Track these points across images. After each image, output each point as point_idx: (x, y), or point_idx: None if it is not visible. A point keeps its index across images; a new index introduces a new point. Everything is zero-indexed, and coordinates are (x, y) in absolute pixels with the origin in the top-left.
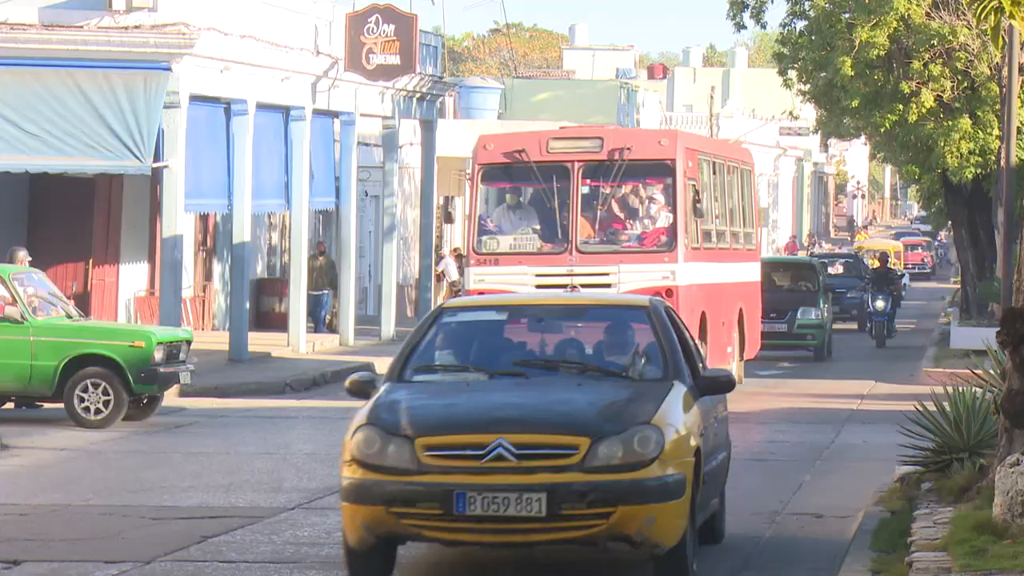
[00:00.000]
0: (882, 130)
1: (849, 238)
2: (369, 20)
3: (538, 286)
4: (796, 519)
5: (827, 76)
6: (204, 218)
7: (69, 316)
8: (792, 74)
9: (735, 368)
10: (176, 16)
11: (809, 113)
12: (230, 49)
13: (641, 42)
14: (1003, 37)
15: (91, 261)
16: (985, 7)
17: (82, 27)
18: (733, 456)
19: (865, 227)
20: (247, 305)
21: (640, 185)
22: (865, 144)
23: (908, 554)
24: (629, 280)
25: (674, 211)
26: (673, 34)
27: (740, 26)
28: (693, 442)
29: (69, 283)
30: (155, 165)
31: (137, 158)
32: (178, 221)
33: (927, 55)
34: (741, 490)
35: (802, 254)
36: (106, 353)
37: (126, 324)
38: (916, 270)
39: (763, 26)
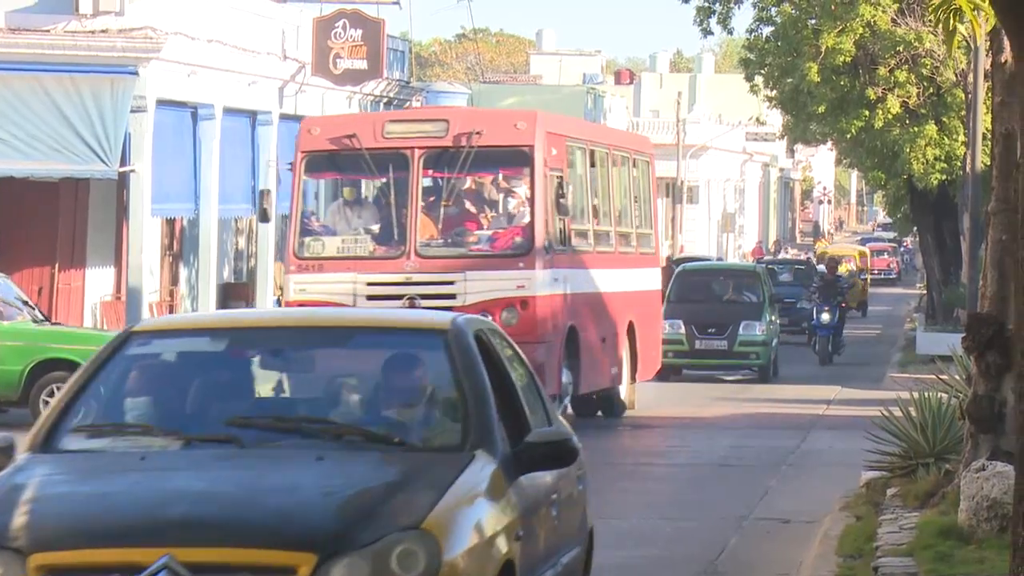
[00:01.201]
0: (848, 136)
1: (814, 243)
2: (336, 25)
3: (370, 297)
4: (763, 524)
5: (793, 82)
6: (171, 222)
7: (35, 320)
8: (759, 80)
9: (624, 391)
10: (143, 20)
11: (775, 119)
12: (197, 53)
13: (608, 47)
14: (966, 41)
15: (57, 266)
16: (944, 11)
17: (49, 31)
18: (698, 462)
19: (831, 233)
20: (213, 310)
21: (493, 176)
22: (831, 150)
23: (874, 559)
24: (477, 289)
25: (532, 207)
26: (640, 40)
27: (707, 32)
28: (500, 552)
29: (35, 287)
30: (121, 169)
31: (104, 162)
32: (144, 225)
33: (893, 61)
34: (708, 496)
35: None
36: (72, 358)
37: (92, 329)
38: (882, 276)
39: (730, 32)
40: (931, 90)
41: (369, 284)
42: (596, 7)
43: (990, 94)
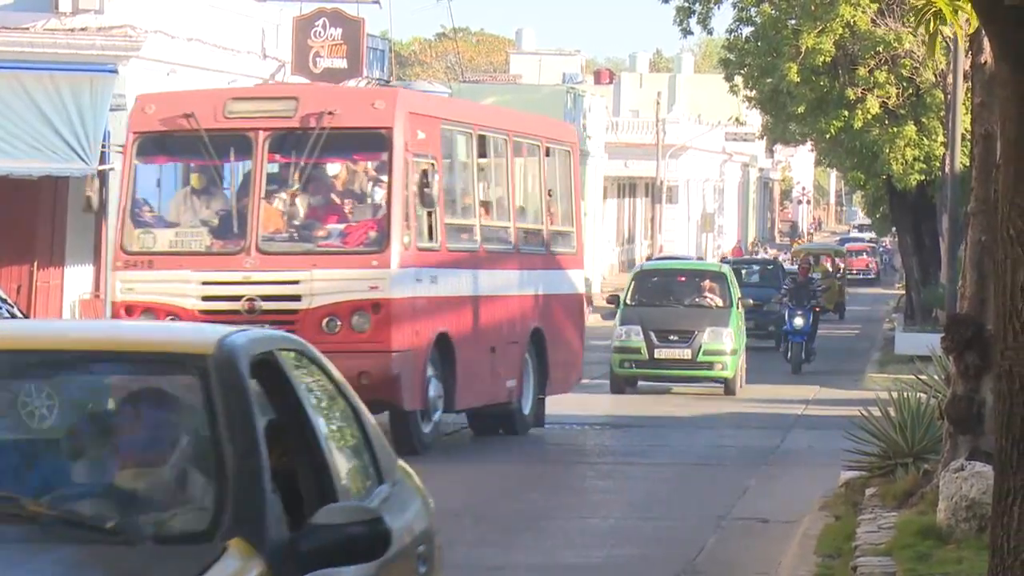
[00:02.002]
0: (827, 136)
1: (791, 243)
2: (316, 24)
3: (205, 297)
4: (742, 524)
5: (773, 82)
6: None
7: (14, 318)
8: (738, 80)
9: (528, 406)
10: (122, 19)
11: (755, 119)
12: (177, 52)
13: (588, 47)
14: (946, 42)
15: (36, 263)
16: (924, 13)
17: (28, 29)
18: (677, 461)
19: (810, 233)
20: None
21: (348, 162)
22: (811, 150)
23: (853, 559)
24: (324, 290)
25: (389, 198)
26: (620, 39)
27: (687, 32)
28: None
29: (14, 285)
30: (101, 167)
31: (83, 160)
32: None
33: (872, 62)
34: (687, 495)
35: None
36: None
37: None
38: (861, 276)
39: (710, 32)
40: (910, 91)
41: (204, 283)
42: (576, 7)
43: (969, 95)
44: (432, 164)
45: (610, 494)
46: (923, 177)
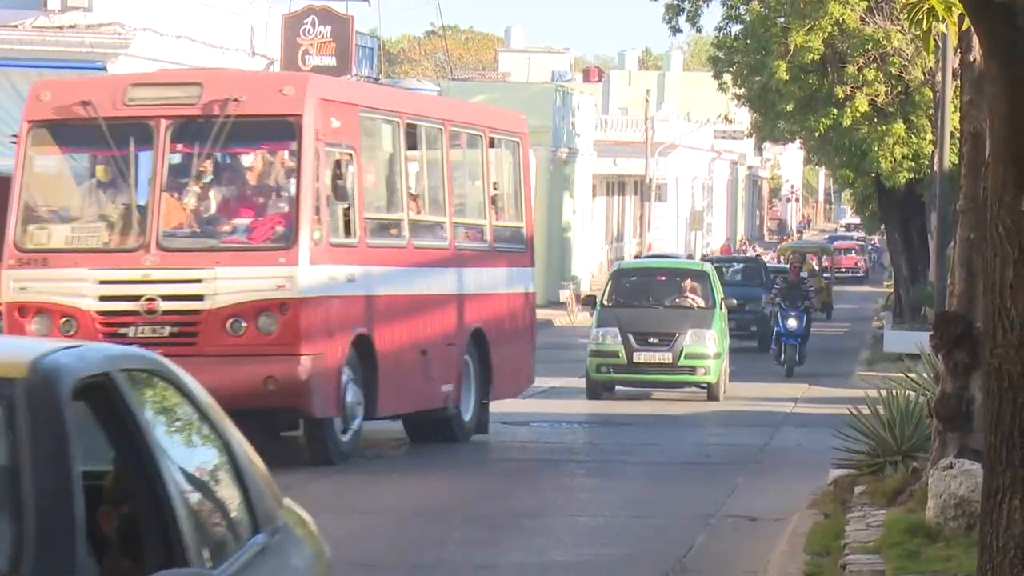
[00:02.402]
0: (816, 134)
1: (779, 241)
2: (305, 21)
3: (102, 297)
4: (730, 522)
5: (762, 80)
6: None
7: None
8: (727, 78)
9: (470, 412)
10: (111, 16)
11: (744, 117)
12: (166, 49)
13: (577, 45)
14: (935, 41)
15: None
16: (917, 11)
17: (17, 27)
18: (666, 460)
19: (800, 231)
20: None
21: (256, 152)
22: (800, 148)
23: (842, 556)
24: (229, 289)
25: (298, 190)
26: (609, 37)
27: (676, 30)
28: None
29: None
30: None
31: None
32: None
33: (861, 60)
34: (675, 493)
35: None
36: None
37: None
38: (849, 274)
39: (698, 30)
40: (899, 88)
41: (101, 282)
42: (565, 4)
43: (958, 92)
44: (350, 154)
45: (599, 492)
46: (912, 175)
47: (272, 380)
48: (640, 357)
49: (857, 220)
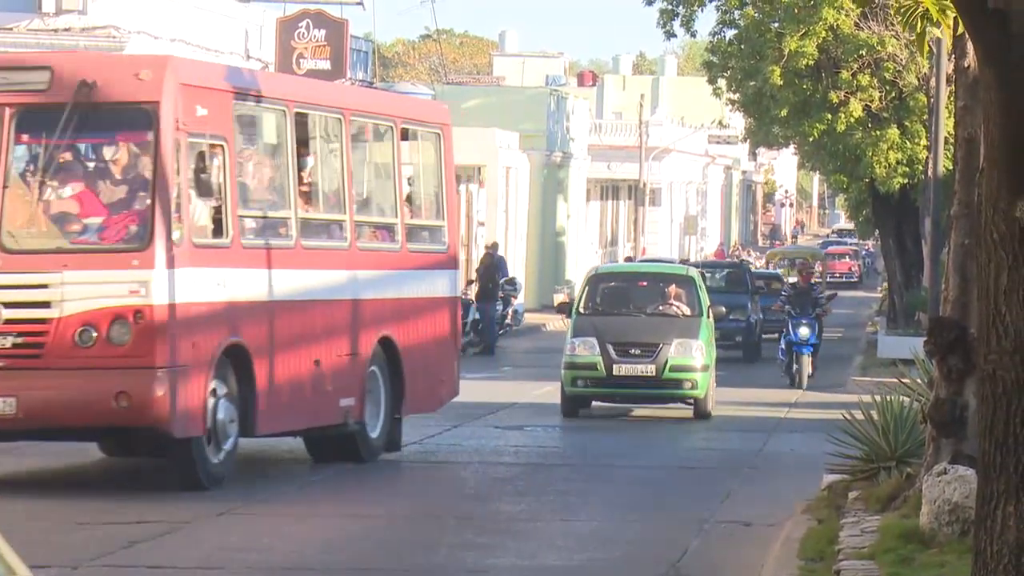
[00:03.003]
0: (810, 139)
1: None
2: (300, 25)
3: None
4: (724, 527)
5: (756, 85)
6: None
7: None
8: (721, 83)
9: (378, 428)
10: (106, 19)
11: (738, 122)
12: (160, 52)
13: (571, 49)
14: (930, 46)
15: None
16: (912, 15)
17: (11, 29)
18: (659, 464)
19: (794, 237)
20: None
21: (110, 143)
22: (794, 153)
23: (836, 562)
24: (78, 295)
25: (153, 185)
26: (603, 42)
27: (670, 34)
28: None
29: None
30: None
31: None
32: None
33: (856, 65)
34: (669, 498)
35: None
36: None
37: None
38: (843, 279)
39: (693, 35)
40: (893, 94)
41: None
42: (559, 9)
43: (952, 98)
44: (221, 145)
45: (593, 496)
46: (906, 180)
47: (124, 396)
48: (620, 370)
49: (849, 226)
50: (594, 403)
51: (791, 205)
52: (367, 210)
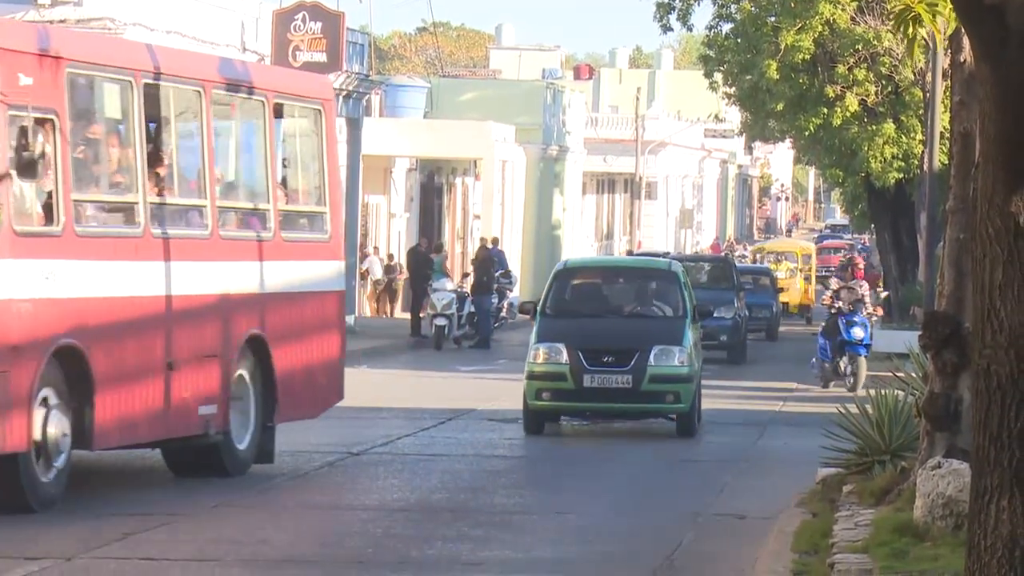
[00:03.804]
0: (806, 133)
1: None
2: (296, 17)
3: None
4: (719, 520)
5: (752, 79)
6: None
7: None
8: (718, 77)
9: (246, 439)
10: (101, 11)
11: (734, 116)
12: (157, 44)
13: (568, 43)
14: (925, 41)
15: None
16: (904, 18)
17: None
18: (654, 458)
19: (788, 231)
20: None
21: None
22: (790, 147)
23: (830, 555)
24: None
25: None
26: (599, 35)
27: (666, 28)
28: None
29: None
30: None
31: None
32: None
33: (852, 59)
34: (663, 492)
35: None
36: None
37: None
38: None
39: (689, 28)
40: (889, 89)
41: None
42: (556, 2)
43: (948, 93)
44: (50, 120)
45: (587, 489)
46: (901, 175)
47: None
48: (592, 381)
49: (843, 222)
50: (563, 419)
51: (787, 199)
52: (233, 195)
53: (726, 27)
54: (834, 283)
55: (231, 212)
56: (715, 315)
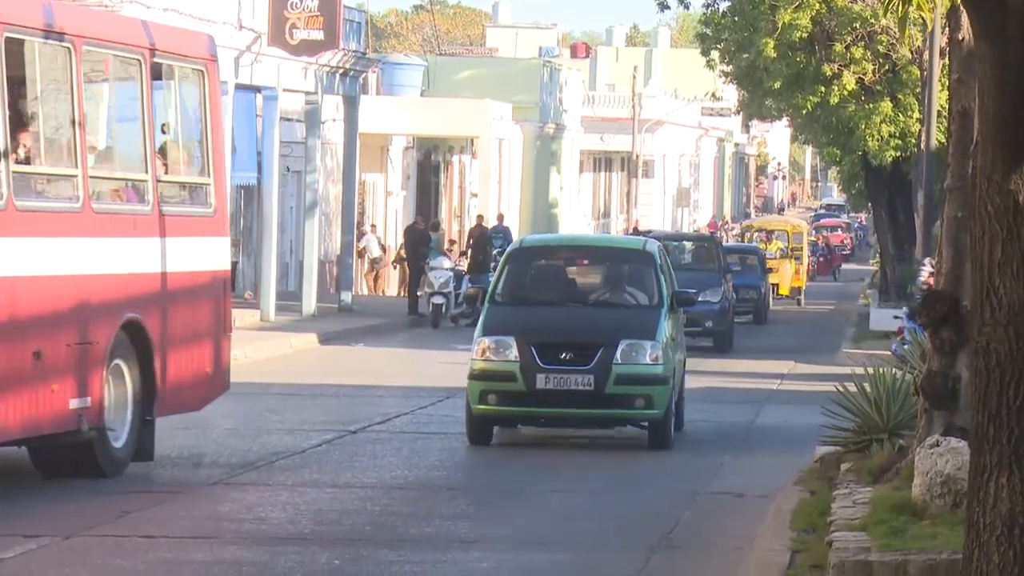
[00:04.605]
0: (804, 112)
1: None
2: None
3: None
4: (717, 499)
5: (749, 57)
6: None
7: None
8: (715, 55)
9: (124, 435)
10: None
11: (731, 94)
12: (153, 21)
13: (564, 21)
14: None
15: None
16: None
17: None
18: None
19: (781, 209)
20: None
21: None
22: (787, 126)
23: (828, 533)
24: None
25: None
26: (596, 13)
27: (663, 6)
28: None
29: None
30: None
31: None
32: None
33: (849, 38)
34: (661, 470)
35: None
36: None
37: None
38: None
39: (686, 6)
40: (886, 67)
41: None
42: None
43: (945, 71)
44: None
45: (585, 468)
46: (898, 153)
47: None
48: (546, 381)
49: (839, 200)
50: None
51: (784, 178)
52: (107, 164)
53: (723, 5)
54: (929, 263)
55: (104, 183)
56: (700, 299)
